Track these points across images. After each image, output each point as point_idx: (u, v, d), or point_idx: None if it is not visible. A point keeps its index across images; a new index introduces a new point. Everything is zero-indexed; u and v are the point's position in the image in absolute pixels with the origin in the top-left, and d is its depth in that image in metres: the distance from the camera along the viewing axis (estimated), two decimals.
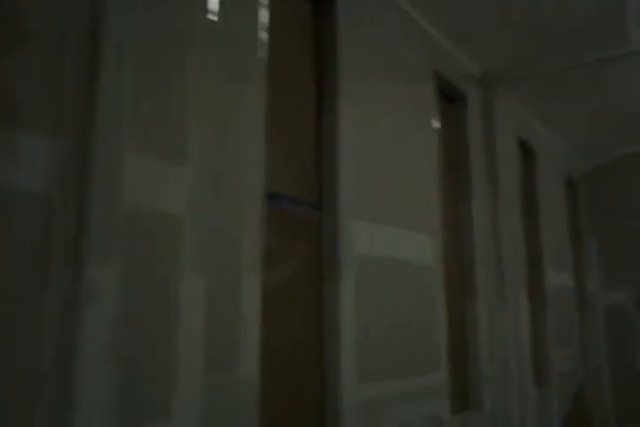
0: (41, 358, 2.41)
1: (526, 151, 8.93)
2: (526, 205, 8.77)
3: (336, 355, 4.14)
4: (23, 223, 2.40)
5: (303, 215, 4.30)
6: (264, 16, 3.84)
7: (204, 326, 3.05)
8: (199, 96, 3.22)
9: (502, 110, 7.59)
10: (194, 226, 3.07)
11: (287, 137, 4.29)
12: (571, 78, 8.50)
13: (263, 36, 3.79)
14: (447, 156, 6.71)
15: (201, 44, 3.29)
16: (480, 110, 7.31)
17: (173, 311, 2.90)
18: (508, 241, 7.16)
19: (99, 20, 2.77)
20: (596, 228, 11.48)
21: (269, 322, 3.83)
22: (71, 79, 2.66)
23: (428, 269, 5.51)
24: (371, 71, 5.06)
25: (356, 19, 4.90)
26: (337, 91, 4.57)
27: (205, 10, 3.34)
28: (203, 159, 3.20)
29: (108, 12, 2.77)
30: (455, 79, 6.78)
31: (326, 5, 4.72)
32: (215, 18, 3.40)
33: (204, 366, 3.05)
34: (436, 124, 6.15)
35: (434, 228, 5.74)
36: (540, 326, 8.41)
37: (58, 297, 2.49)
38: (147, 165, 2.86)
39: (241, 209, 3.43)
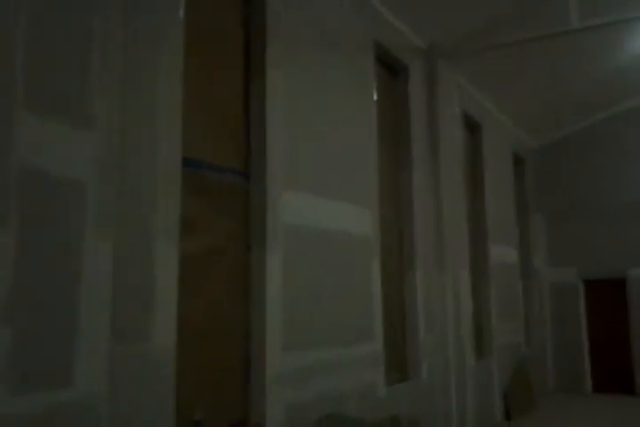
0: None
1: (472, 126, 8.96)
2: (471, 179, 8.83)
3: (261, 325, 4.08)
4: None
5: (229, 184, 4.20)
6: None
7: (109, 294, 2.95)
8: (106, 54, 3.07)
9: (446, 84, 7.56)
10: (98, 191, 2.94)
11: (213, 104, 4.17)
12: (517, 55, 8.53)
13: None
14: (388, 127, 6.66)
15: None
16: (423, 83, 7.26)
17: (74, 277, 2.79)
18: (449, 214, 7.19)
19: None
20: (543, 204, 11.68)
21: (191, 292, 3.75)
22: None
23: (365, 240, 5.49)
24: (305, 40, 4.94)
25: None
26: (265, 58, 4.45)
27: None
28: (110, 122, 3.06)
29: None
30: (398, 51, 6.71)
31: None
32: None
33: (112, 334, 2.95)
34: (375, 95, 6.09)
35: (371, 199, 5.70)
36: (483, 299, 8.54)
37: None
38: (43, 127, 2.71)
39: (155, 174, 3.31)
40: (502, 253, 9.38)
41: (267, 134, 4.36)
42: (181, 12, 3.59)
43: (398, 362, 6.18)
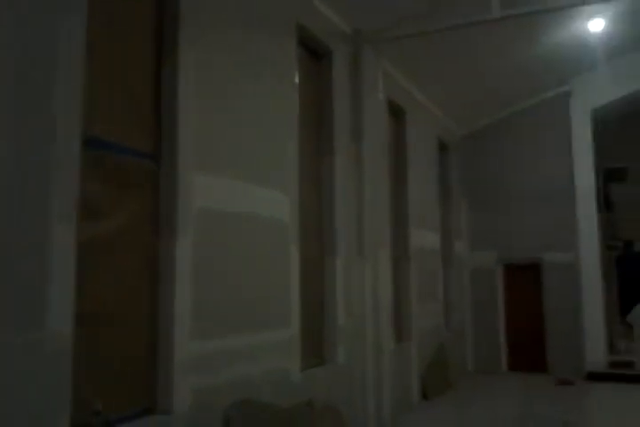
0: None
1: (397, 112, 9.03)
2: (395, 165, 8.93)
3: (169, 311, 3.99)
4: None
5: (137, 166, 4.05)
6: None
7: None
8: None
9: (371, 70, 7.57)
10: None
11: (122, 84, 3.99)
12: (442, 43, 8.63)
13: None
14: (311, 112, 6.61)
15: None
16: (348, 68, 7.24)
17: None
18: (372, 200, 7.24)
19: None
20: (466, 190, 11.99)
21: (94, 277, 3.61)
22: None
23: (283, 225, 5.45)
24: (222, 21, 4.79)
25: None
26: (178, 39, 4.29)
27: None
28: (2, 100, 2.88)
29: None
30: (322, 35, 6.64)
31: None
32: None
33: None
34: (297, 78, 6.01)
35: (291, 184, 5.66)
36: (403, 284, 8.70)
37: None
38: None
39: (50, 153, 3.14)
40: (424, 238, 9.57)
41: (178, 116, 4.22)
42: None
43: (315, 347, 6.21)
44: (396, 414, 7.46)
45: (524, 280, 11.44)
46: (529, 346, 11.25)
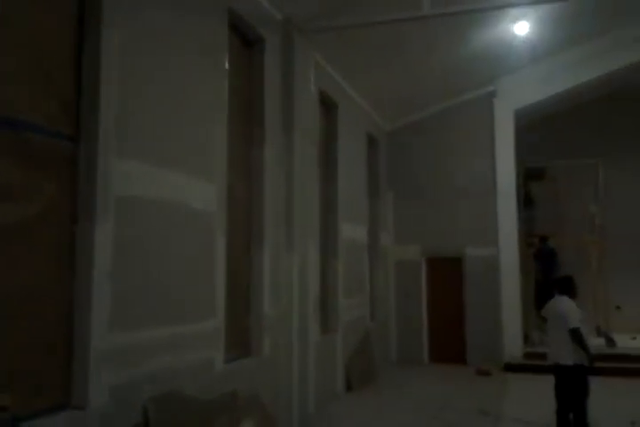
0: None
1: (328, 104, 9.03)
2: (325, 157, 8.94)
3: (86, 302, 3.80)
4: None
5: (54, 148, 3.83)
6: None
7: None
8: None
9: (303, 60, 7.51)
10: None
11: (38, 64, 3.75)
12: (374, 38, 8.69)
13: None
14: (241, 100, 6.50)
15: None
16: (280, 57, 7.15)
17: None
18: (301, 192, 7.21)
19: None
20: (393, 185, 12.17)
21: (2, 264, 3.39)
22: None
23: (209, 215, 5.32)
24: (148, 1, 4.60)
25: None
26: (101, 17, 4.07)
27: None
28: None
29: None
30: (254, 21, 6.52)
31: None
32: None
33: None
34: (227, 65, 5.88)
35: (218, 173, 5.53)
36: (330, 276, 8.74)
37: None
38: None
39: None
40: (352, 230, 9.64)
41: (100, 99, 4.02)
42: None
43: (240, 339, 6.13)
44: (321, 404, 7.49)
45: (447, 273, 11.74)
46: (450, 338, 11.56)
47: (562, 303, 6.33)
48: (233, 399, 5.30)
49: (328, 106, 9.06)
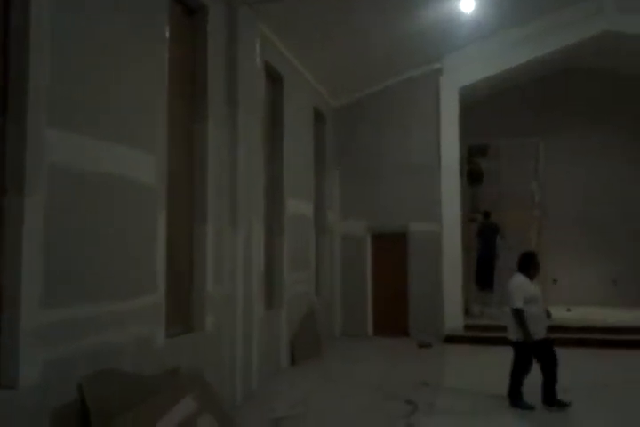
0: None
1: (274, 78, 8.88)
2: (271, 132, 8.82)
3: (15, 277, 3.64)
4: None
5: None
6: None
7: None
8: None
9: (249, 31, 7.33)
10: None
11: None
12: (322, 11, 8.57)
13: None
14: (183, 71, 6.30)
15: None
16: (224, 27, 6.95)
17: None
18: (245, 167, 7.10)
19: None
20: (339, 161, 12.16)
21: None
22: None
23: (149, 188, 5.17)
24: None
25: None
26: None
27: None
28: None
29: None
30: None
31: None
32: None
33: None
34: (168, 34, 5.66)
35: (159, 145, 5.36)
36: (276, 252, 8.71)
37: None
38: None
39: None
40: (298, 206, 9.60)
41: (29, 68, 3.79)
42: None
43: (183, 314, 6.05)
44: (265, 379, 7.52)
45: (392, 248, 11.89)
46: (393, 312, 11.78)
47: (512, 281, 6.52)
48: (174, 376, 5.24)
49: (274, 79, 8.91)
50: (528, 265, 6.47)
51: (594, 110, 13.98)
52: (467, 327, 11.32)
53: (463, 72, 11.61)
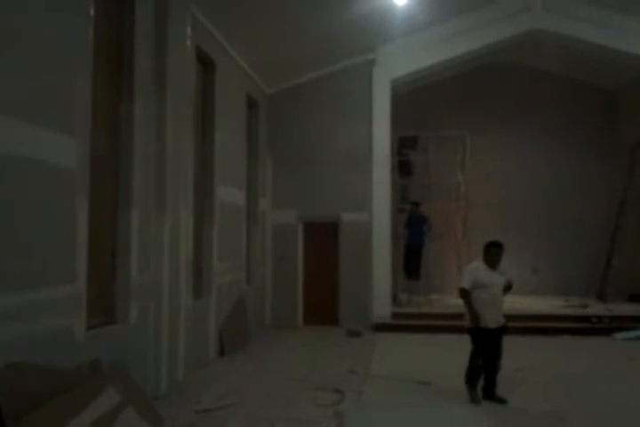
0: None
1: (206, 62, 8.64)
2: (202, 117, 8.60)
3: None
4: None
5: None
6: None
7: None
8: None
9: (180, 13, 7.08)
10: None
11: None
12: (254, 0, 8.41)
13: None
14: (110, 50, 6.02)
15: None
16: (153, 6, 6.68)
17: None
18: (174, 152, 6.88)
19: None
20: (272, 149, 12.03)
21: None
22: None
23: (70, 172, 4.91)
24: None
25: None
26: None
27: None
28: None
29: None
30: None
31: None
32: None
33: None
34: (92, 10, 5.37)
35: (81, 128, 5.09)
36: (205, 240, 8.53)
37: None
38: None
39: None
40: (229, 194, 9.43)
41: None
42: None
43: (105, 304, 5.82)
44: (192, 370, 7.38)
45: (324, 238, 11.92)
46: (324, 301, 11.84)
47: (467, 265, 6.82)
48: (95, 368, 5.04)
49: (205, 63, 8.68)
50: (484, 252, 6.55)
51: (518, 105, 14.50)
52: (394, 315, 11.52)
53: (395, 64, 11.72)
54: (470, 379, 6.41)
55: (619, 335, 10.34)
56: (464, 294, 6.35)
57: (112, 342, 5.62)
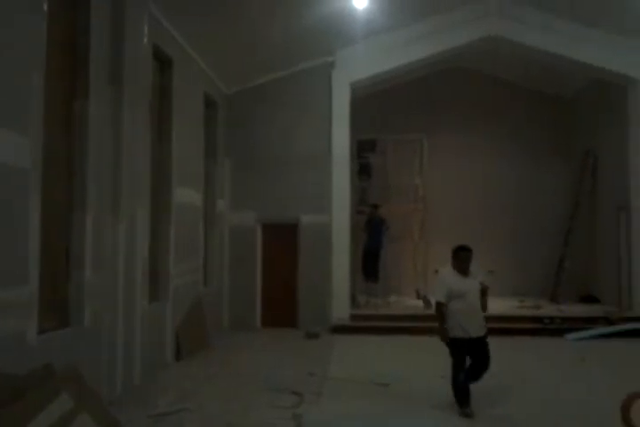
0: None
1: (163, 60, 8.52)
2: (159, 117, 8.47)
3: None
4: None
5: None
6: None
7: None
8: None
9: (136, 10, 6.96)
10: None
11: None
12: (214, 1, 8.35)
13: None
14: (64, 47, 5.87)
15: None
16: (109, 4, 6.55)
17: None
18: (129, 152, 6.75)
19: None
20: (231, 150, 11.94)
21: None
22: None
23: (21, 171, 4.76)
24: None
25: None
26: None
27: None
28: None
29: None
30: None
31: None
32: None
33: None
34: (45, 6, 5.23)
35: (33, 126, 4.95)
36: (162, 242, 8.39)
37: None
38: None
39: None
40: (187, 195, 9.31)
41: None
42: None
43: (58, 307, 5.67)
44: (148, 375, 7.25)
45: (283, 240, 11.88)
46: (283, 303, 11.79)
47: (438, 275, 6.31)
48: (48, 373, 4.89)
49: (163, 62, 8.55)
50: (453, 259, 6.12)
51: (477, 110, 14.78)
52: (353, 317, 11.57)
53: (355, 67, 11.79)
54: (456, 395, 5.98)
55: (570, 336, 10.62)
56: (439, 308, 5.96)
57: (66, 345, 5.48)
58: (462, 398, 5.96)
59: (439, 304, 6.01)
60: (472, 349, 5.98)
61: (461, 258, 6.07)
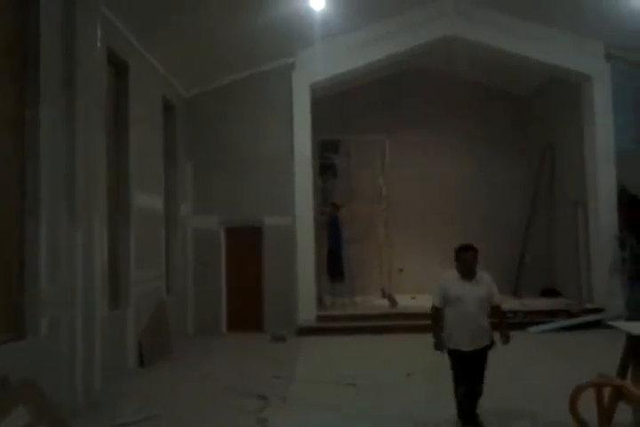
0: None
1: (118, 64, 8.38)
2: (115, 121, 8.32)
3: None
4: None
5: None
6: None
7: None
8: None
9: (88, 13, 6.81)
10: None
11: None
12: (167, 2, 8.24)
13: None
14: (12, 52, 5.71)
15: None
16: (60, 7, 6.40)
17: None
18: (85, 157, 6.61)
19: None
20: (192, 153, 11.80)
21: None
22: None
23: None
24: None
25: None
26: None
27: None
28: None
29: None
30: None
31: None
32: None
33: None
34: None
35: None
36: (122, 248, 8.25)
37: None
38: None
39: None
40: (147, 200, 9.17)
41: None
42: None
43: (12, 318, 5.51)
44: (110, 383, 7.10)
45: (247, 243, 11.79)
46: (248, 307, 11.69)
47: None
48: (3, 386, 4.76)
49: (118, 66, 8.40)
50: (455, 261, 5.44)
51: (437, 109, 14.90)
52: (320, 318, 11.56)
53: (315, 68, 11.78)
54: (459, 411, 5.40)
55: (533, 329, 10.81)
56: (433, 312, 5.46)
57: (21, 357, 5.32)
58: (462, 414, 5.38)
59: (433, 308, 5.48)
60: (464, 362, 5.34)
61: (462, 259, 5.39)
